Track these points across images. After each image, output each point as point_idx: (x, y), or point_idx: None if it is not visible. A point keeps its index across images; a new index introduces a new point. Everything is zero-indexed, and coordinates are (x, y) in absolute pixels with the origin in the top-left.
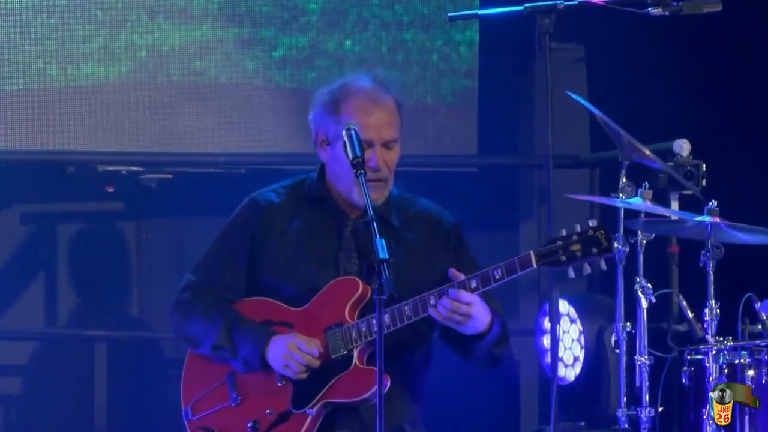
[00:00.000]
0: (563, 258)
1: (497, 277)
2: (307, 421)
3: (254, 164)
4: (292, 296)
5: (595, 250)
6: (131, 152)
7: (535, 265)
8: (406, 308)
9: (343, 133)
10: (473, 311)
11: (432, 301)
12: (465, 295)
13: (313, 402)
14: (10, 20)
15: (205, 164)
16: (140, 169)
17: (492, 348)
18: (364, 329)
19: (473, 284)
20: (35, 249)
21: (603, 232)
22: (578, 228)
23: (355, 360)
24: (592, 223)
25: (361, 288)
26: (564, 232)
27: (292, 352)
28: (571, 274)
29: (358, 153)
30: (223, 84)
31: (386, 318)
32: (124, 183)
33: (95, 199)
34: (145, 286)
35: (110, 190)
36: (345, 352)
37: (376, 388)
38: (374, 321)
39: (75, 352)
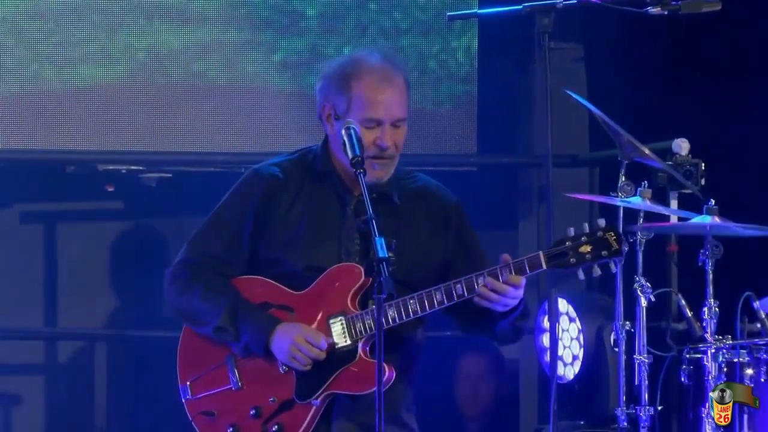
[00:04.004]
0: (573, 260)
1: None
2: (311, 411)
3: (254, 163)
4: (293, 272)
5: (605, 252)
6: (131, 151)
7: (545, 267)
8: (411, 302)
9: (343, 132)
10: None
11: (439, 297)
12: (522, 283)
13: (318, 393)
14: (10, 23)
15: (205, 163)
16: (140, 168)
17: (515, 321)
18: (368, 321)
19: (481, 282)
20: (35, 248)
21: (613, 233)
22: (587, 228)
23: (359, 352)
24: (601, 223)
25: (363, 276)
26: (572, 232)
27: (299, 344)
28: (581, 275)
29: (358, 152)
30: (222, 86)
31: (392, 311)
32: (124, 182)
33: (95, 198)
34: (144, 285)
35: (110, 189)
36: (349, 343)
37: (384, 378)
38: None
39: (75, 351)
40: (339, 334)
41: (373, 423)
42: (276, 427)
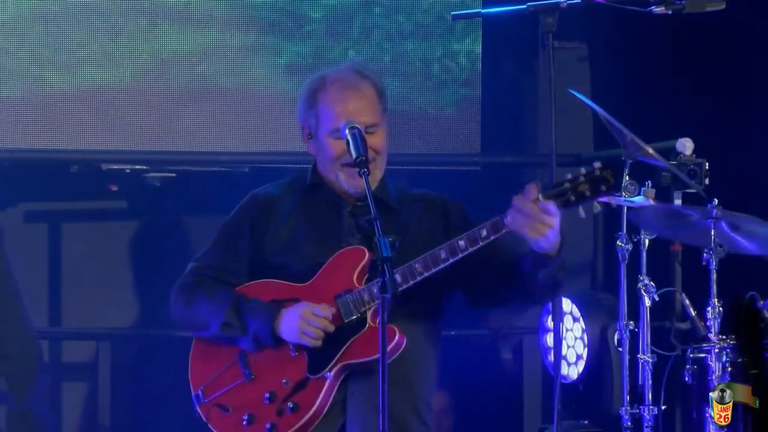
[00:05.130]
0: (573, 198)
1: (507, 223)
2: (326, 386)
3: (257, 163)
4: (299, 272)
5: (603, 188)
6: (135, 151)
7: None
8: (416, 265)
9: (347, 131)
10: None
11: (443, 254)
12: (552, 207)
13: (331, 365)
14: (14, 25)
15: (209, 163)
16: (144, 167)
17: (557, 273)
18: (375, 290)
19: (483, 233)
20: (39, 247)
21: (609, 170)
22: (583, 170)
23: (368, 321)
24: (597, 164)
25: (367, 255)
26: (569, 175)
27: (307, 317)
28: (582, 214)
29: (361, 152)
30: (227, 88)
31: (397, 276)
32: (127, 181)
33: (99, 197)
34: (148, 285)
35: (114, 188)
36: (358, 315)
37: (394, 342)
38: (386, 281)
39: (79, 350)
40: (347, 309)
41: (390, 407)
42: (291, 404)
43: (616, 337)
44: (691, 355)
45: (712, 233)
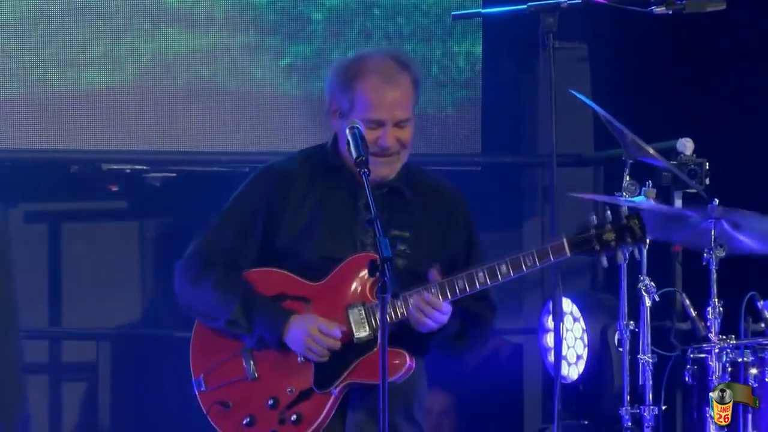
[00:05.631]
0: (597, 247)
1: (528, 264)
2: (330, 401)
3: (258, 163)
4: (309, 263)
5: (629, 238)
6: (135, 151)
7: (568, 254)
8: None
9: (347, 131)
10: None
11: (461, 284)
12: (446, 306)
13: (338, 382)
14: (15, 26)
15: (209, 163)
16: (144, 167)
17: (452, 341)
18: (388, 310)
19: (503, 269)
20: (39, 247)
21: (637, 220)
22: (610, 215)
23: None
24: (625, 211)
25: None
26: (595, 220)
27: (314, 335)
28: (605, 263)
29: (362, 153)
30: (228, 89)
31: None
32: (128, 182)
33: (99, 197)
34: (148, 285)
35: (114, 188)
36: (369, 333)
37: (404, 368)
38: (400, 300)
39: (79, 350)
40: (358, 324)
41: (388, 416)
42: (294, 416)
43: (616, 338)
44: (692, 356)
45: (713, 233)
